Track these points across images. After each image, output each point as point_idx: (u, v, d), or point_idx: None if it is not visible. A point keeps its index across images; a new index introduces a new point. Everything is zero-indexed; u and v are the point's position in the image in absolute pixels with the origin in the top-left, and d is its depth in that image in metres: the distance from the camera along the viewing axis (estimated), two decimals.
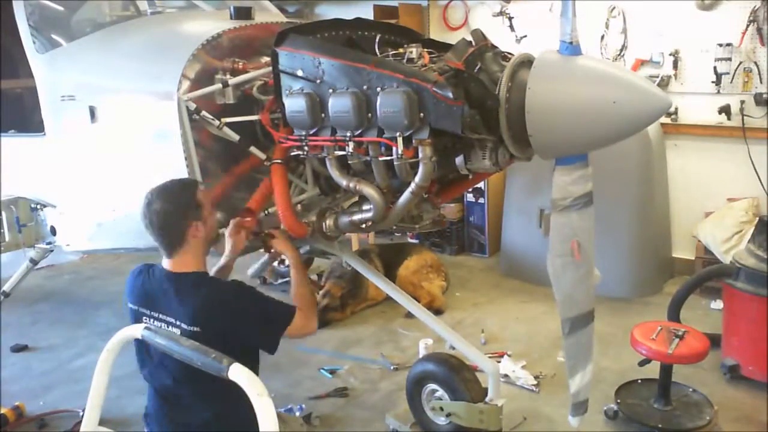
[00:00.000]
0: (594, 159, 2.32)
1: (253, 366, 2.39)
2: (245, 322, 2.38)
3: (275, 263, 5.08)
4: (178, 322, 2.35)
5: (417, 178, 2.45)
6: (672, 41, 5.13)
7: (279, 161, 2.81)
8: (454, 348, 3.35)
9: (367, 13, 6.04)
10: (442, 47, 2.69)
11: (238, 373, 1.73)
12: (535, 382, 3.78)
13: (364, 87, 2.42)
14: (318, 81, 2.54)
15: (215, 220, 2.61)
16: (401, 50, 2.55)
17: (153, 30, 3.47)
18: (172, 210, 2.40)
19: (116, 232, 3.42)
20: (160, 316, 2.40)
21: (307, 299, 2.66)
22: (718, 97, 5.01)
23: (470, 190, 5.87)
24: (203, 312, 2.33)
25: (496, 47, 2.51)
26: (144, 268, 2.54)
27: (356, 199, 2.89)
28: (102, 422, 2.21)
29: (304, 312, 2.56)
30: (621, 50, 5.35)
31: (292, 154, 2.80)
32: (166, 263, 2.46)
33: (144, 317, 2.44)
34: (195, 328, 2.31)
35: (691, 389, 3.55)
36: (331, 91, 2.50)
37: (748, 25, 4.80)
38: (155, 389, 2.51)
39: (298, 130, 2.68)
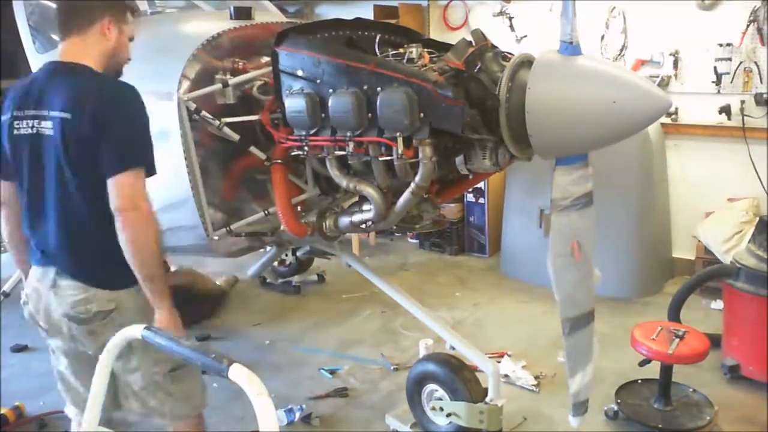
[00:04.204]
0: (594, 159, 2.32)
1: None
2: (108, 131, 2.04)
3: (275, 263, 5.08)
4: (48, 112, 2.09)
5: (417, 178, 2.46)
6: (672, 41, 5.13)
7: (279, 161, 2.81)
8: (454, 348, 3.35)
9: (367, 13, 6.03)
10: (442, 47, 2.70)
11: (238, 373, 1.72)
12: (535, 382, 3.78)
13: (364, 87, 2.43)
14: (318, 81, 2.54)
15: (127, 50, 2.33)
16: (401, 50, 2.56)
17: (153, 30, 3.47)
18: None
19: None
20: (30, 112, 2.13)
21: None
22: (718, 97, 5.00)
23: (470, 190, 5.87)
24: (78, 97, 2.07)
25: (496, 47, 2.51)
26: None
27: (356, 199, 2.89)
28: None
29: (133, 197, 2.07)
30: (621, 50, 5.35)
31: (292, 154, 2.80)
32: (56, 53, 2.19)
33: (15, 121, 2.16)
34: (65, 115, 2.06)
35: (691, 389, 3.55)
36: (331, 91, 2.51)
37: (748, 25, 4.80)
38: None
39: (298, 130, 2.68)
